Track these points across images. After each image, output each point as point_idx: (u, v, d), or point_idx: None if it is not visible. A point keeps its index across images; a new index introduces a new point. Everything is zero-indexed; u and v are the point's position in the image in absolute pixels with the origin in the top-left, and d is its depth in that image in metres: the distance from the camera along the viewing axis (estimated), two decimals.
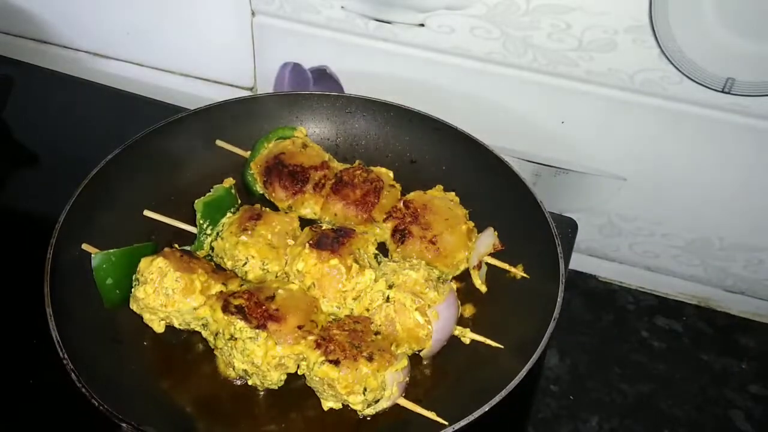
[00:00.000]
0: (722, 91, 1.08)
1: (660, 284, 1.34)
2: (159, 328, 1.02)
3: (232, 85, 1.48)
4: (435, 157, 1.22)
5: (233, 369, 0.98)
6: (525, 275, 1.07)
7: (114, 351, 1.01)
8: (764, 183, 1.17)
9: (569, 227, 1.27)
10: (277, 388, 0.98)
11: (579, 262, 1.37)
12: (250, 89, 1.47)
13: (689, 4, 1.02)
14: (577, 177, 1.28)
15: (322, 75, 1.37)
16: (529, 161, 1.30)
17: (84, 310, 1.01)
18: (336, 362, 0.92)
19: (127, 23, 1.48)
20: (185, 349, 1.04)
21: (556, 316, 0.95)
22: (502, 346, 1.00)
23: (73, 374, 0.89)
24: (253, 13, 1.33)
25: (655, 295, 1.33)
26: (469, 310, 1.09)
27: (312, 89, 1.39)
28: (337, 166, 1.20)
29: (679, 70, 1.08)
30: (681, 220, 1.27)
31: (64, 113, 1.52)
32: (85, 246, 1.05)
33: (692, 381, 1.20)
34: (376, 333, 0.99)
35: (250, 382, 0.98)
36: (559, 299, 0.97)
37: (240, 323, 0.95)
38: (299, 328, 0.97)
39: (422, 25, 1.21)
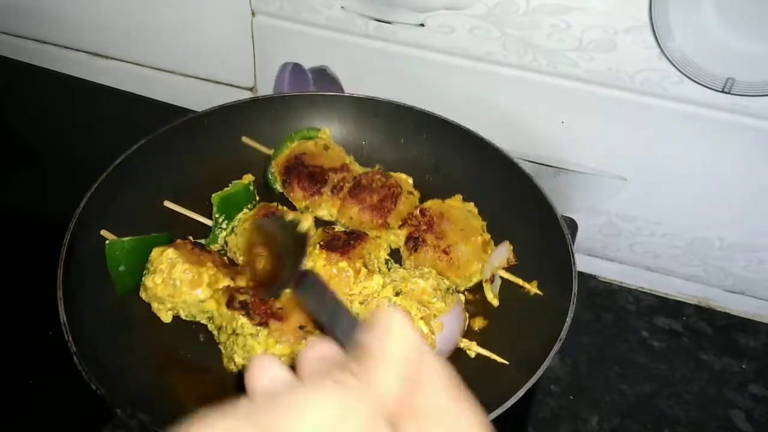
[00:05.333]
0: (722, 91, 1.08)
1: (660, 284, 1.34)
2: (166, 318, 1.03)
3: (232, 85, 1.48)
4: (459, 166, 1.21)
5: (234, 364, 0.98)
6: (539, 292, 1.06)
7: (121, 338, 1.01)
8: (765, 183, 1.17)
9: (569, 227, 1.26)
10: None
11: (579, 262, 1.36)
12: (250, 89, 1.47)
13: (689, 4, 1.02)
14: (577, 177, 1.28)
15: (322, 75, 1.37)
16: (529, 161, 1.30)
17: (96, 295, 1.02)
18: None
19: (127, 23, 1.48)
20: (193, 340, 1.04)
21: (562, 337, 0.95)
22: (507, 362, 0.99)
23: (75, 357, 0.89)
24: (253, 13, 1.33)
25: (655, 295, 1.33)
26: (479, 323, 1.08)
27: (312, 89, 1.39)
28: (358, 169, 1.20)
29: (679, 70, 1.08)
30: (681, 220, 1.27)
31: (64, 113, 1.52)
32: (103, 232, 1.06)
33: (692, 381, 1.20)
34: None
35: None
36: (568, 320, 0.96)
37: (242, 319, 0.96)
38: (300, 328, 0.97)
39: (422, 25, 1.21)
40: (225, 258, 1.09)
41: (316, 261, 1.03)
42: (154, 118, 1.22)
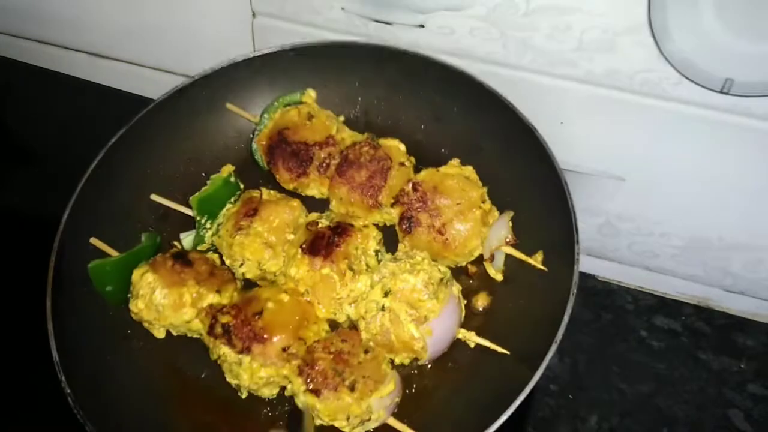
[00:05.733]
0: (721, 92, 1.08)
1: (659, 284, 1.34)
2: (159, 334, 1.03)
3: None
4: (461, 116, 1.16)
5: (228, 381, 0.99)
6: (543, 268, 1.03)
7: (123, 349, 1.01)
8: (763, 183, 1.17)
9: None
10: (274, 396, 0.99)
11: None
12: None
13: (688, 5, 1.02)
14: (577, 177, 1.28)
15: None
16: None
17: (90, 321, 1.01)
18: (317, 392, 0.91)
19: (127, 23, 1.48)
20: (195, 347, 1.04)
21: (567, 314, 0.93)
22: (507, 353, 0.98)
23: (70, 399, 0.89)
24: (253, 15, 1.33)
25: (654, 294, 1.33)
26: (482, 300, 1.06)
27: None
28: (347, 137, 1.14)
29: (678, 71, 1.08)
30: (680, 220, 1.27)
31: (64, 113, 1.52)
32: (93, 240, 1.05)
33: (691, 380, 1.20)
34: (366, 351, 0.97)
35: (243, 396, 0.99)
36: (572, 298, 0.94)
37: (224, 348, 0.95)
38: (284, 350, 0.95)
39: (422, 26, 1.21)
40: (213, 261, 1.06)
41: (299, 267, 1.00)
42: None
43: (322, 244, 1.00)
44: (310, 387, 0.92)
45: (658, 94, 1.12)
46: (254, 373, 0.94)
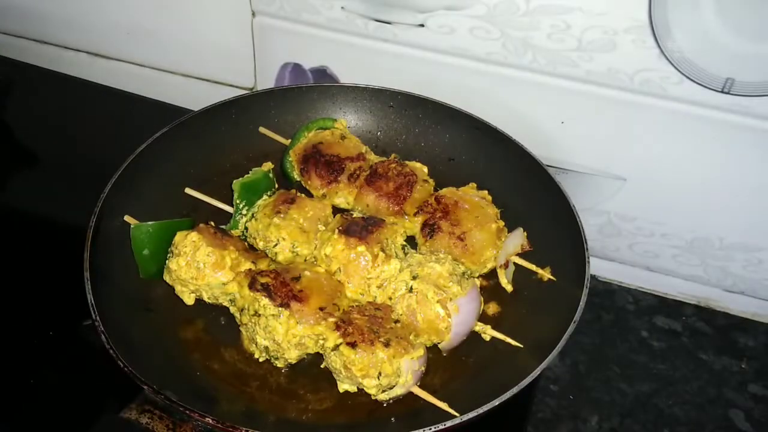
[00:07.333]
0: (722, 92, 1.08)
1: (660, 284, 1.34)
2: (189, 300, 1.05)
3: (232, 86, 1.48)
4: (473, 155, 1.23)
5: (256, 345, 1.00)
6: (552, 278, 1.07)
7: (144, 320, 1.03)
8: (764, 183, 1.17)
9: None
10: (295, 362, 1.01)
11: None
12: (251, 89, 1.47)
13: (689, 4, 1.02)
14: (577, 177, 1.28)
15: (322, 75, 1.37)
16: None
17: (120, 278, 1.04)
18: (353, 345, 0.94)
19: (127, 23, 1.48)
20: (213, 323, 1.06)
21: (576, 320, 0.96)
22: (521, 346, 1.01)
23: (102, 336, 0.91)
24: (253, 14, 1.33)
25: (655, 295, 1.33)
26: (493, 308, 1.10)
27: None
28: (374, 158, 1.21)
29: (679, 71, 1.09)
30: (681, 220, 1.27)
31: (64, 113, 1.52)
32: (126, 217, 1.08)
33: (692, 381, 1.20)
34: (396, 321, 1.00)
35: (272, 360, 1.01)
36: (581, 304, 0.97)
37: (264, 300, 0.98)
38: (321, 309, 0.98)
39: (422, 25, 1.21)
40: (245, 243, 1.11)
41: (335, 245, 1.04)
42: (154, 118, 1.23)
43: (357, 228, 1.06)
44: (347, 340, 0.94)
45: (658, 93, 1.12)
46: (290, 328, 0.97)
